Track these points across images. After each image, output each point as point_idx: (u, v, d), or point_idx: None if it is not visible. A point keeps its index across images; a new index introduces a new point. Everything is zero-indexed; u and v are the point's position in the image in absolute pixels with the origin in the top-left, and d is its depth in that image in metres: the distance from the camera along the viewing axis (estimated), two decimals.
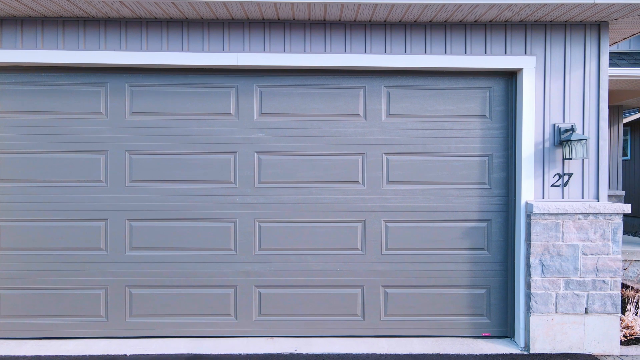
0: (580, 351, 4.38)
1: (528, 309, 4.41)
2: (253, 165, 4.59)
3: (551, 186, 4.46)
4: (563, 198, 4.46)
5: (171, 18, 4.35)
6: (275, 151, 4.59)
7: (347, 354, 4.32)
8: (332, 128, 4.59)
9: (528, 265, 4.40)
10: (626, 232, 11.67)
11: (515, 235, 4.58)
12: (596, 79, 4.45)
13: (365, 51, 4.43)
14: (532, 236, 4.36)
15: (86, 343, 4.48)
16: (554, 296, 4.37)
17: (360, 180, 4.62)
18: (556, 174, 4.46)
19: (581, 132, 4.43)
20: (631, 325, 4.75)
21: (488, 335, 4.66)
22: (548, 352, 4.37)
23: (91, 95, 4.53)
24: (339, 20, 4.37)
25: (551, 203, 4.35)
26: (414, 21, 4.39)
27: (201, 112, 4.56)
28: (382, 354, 4.33)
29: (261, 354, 4.30)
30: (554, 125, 4.44)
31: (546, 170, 4.46)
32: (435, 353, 4.36)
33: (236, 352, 4.33)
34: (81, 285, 4.56)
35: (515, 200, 4.57)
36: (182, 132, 4.56)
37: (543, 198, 4.46)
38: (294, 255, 4.62)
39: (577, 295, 4.38)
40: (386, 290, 4.65)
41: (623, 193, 9.20)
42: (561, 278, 4.37)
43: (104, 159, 4.55)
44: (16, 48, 4.34)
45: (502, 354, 4.35)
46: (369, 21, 4.39)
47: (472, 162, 4.63)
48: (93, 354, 4.27)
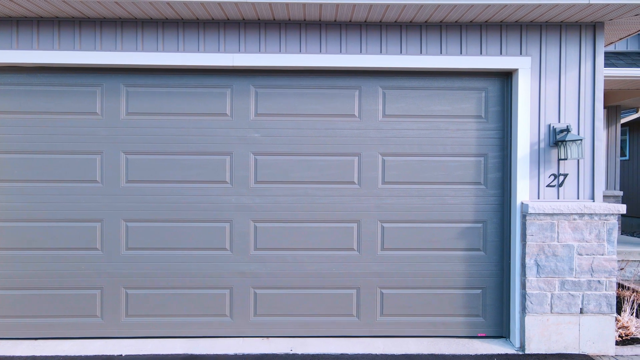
0: (575, 351, 4.38)
1: (523, 309, 4.41)
2: (249, 165, 4.59)
3: (546, 186, 4.46)
4: (558, 198, 4.46)
5: (167, 18, 4.36)
6: (270, 151, 4.59)
7: (343, 354, 4.32)
8: (328, 128, 4.59)
9: (523, 265, 4.40)
10: (624, 232, 11.67)
11: (510, 235, 4.58)
12: (591, 80, 4.45)
13: (360, 52, 4.43)
14: (528, 236, 4.37)
15: (82, 343, 4.49)
16: (549, 296, 4.38)
17: (355, 180, 4.62)
18: (551, 174, 4.46)
19: (576, 133, 4.43)
20: (627, 325, 4.76)
21: (484, 335, 4.66)
22: (543, 353, 4.37)
23: (87, 95, 4.53)
24: (335, 20, 4.37)
25: (546, 203, 4.36)
26: (410, 22, 4.40)
27: (197, 113, 4.56)
28: (378, 354, 4.33)
29: (257, 354, 4.30)
30: (550, 125, 4.44)
31: (541, 170, 4.46)
32: (430, 353, 4.37)
33: (232, 353, 4.33)
34: (77, 285, 4.57)
35: (510, 200, 4.57)
36: (178, 133, 4.56)
37: (538, 198, 4.46)
38: (290, 255, 4.63)
39: (573, 295, 4.38)
40: (382, 290, 4.65)
41: (621, 193, 9.20)
42: (556, 278, 4.38)
43: (100, 159, 4.55)
44: (12, 48, 4.34)
45: (498, 354, 4.35)
46: (365, 22, 4.40)
47: (468, 163, 4.63)
48: (89, 354, 4.28)
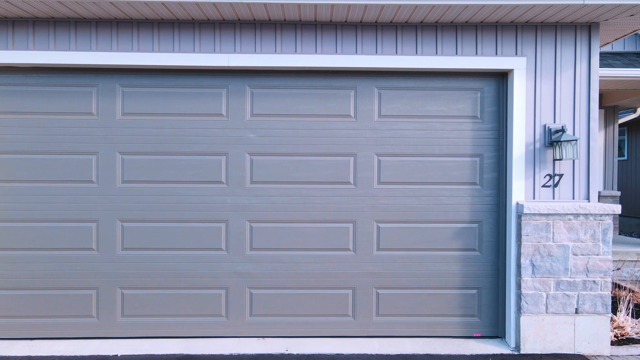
0: (570, 351, 4.39)
1: (519, 309, 4.41)
2: (244, 165, 4.59)
3: (542, 187, 4.46)
4: (554, 198, 4.46)
5: (162, 19, 4.36)
6: (266, 152, 4.59)
7: (338, 354, 4.32)
8: (324, 129, 4.60)
9: (519, 265, 4.41)
10: (622, 232, 11.69)
11: (506, 235, 4.58)
12: (587, 80, 4.45)
13: (356, 52, 4.44)
14: (523, 236, 4.37)
15: (78, 343, 4.49)
16: (545, 296, 4.38)
17: (351, 180, 4.62)
18: (547, 175, 4.47)
19: (572, 133, 4.43)
20: (622, 325, 4.76)
21: (479, 335, 4.66)
22: (539, 353, 4.38)
23: (83, 96, 4.53)
24: (330, 21, 4.37)
25: (542, 203, 4.36)
26: (405, 22, 4.40)
27: (193, 113, 4.57)
28: (373, 354, 4.34)
29: (252, 354, 4.30)
30: (545, 125, 4.45)
31: (537, 170, 4.46)
32: (426, 353, 4.37)
33: (227, 353, 4.33)
34: (73, 285, 4.57)
35: (506, 200, 4.57)
36: (174, 133, 4.56)
37: (534, 198, 4.46)
38: (286, 255, 4.63)
39: (568, 295, 4.38)
40: (377, 290, 4.65)
41: (619, 193, 9.21)
42: (552, 278, 4.38)
43: (96, 160, 4.55)
44: (7, 49, 4.35)
45: (493, 354, 4.36)
46: (360, 22, 4.40)
47: (464, 163, 4.63)
48: (85, 355, 4.28)
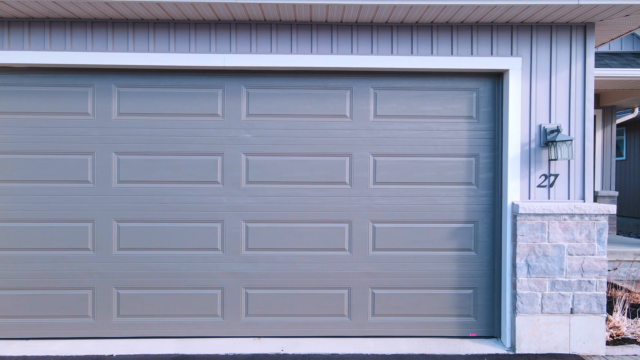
0: (566, 351, 4.39)
1: (514, 309, 4.42)
2: (240, 166, 4.60)
3: (537, 187, 4.47)
4: (549, 199, 4.47)
5: (157, 19, 4.36)
6: (262, 152, 4.60)
7: (334, 354, 4.33)
8: (319, 129, 4.60)
9: (514, 265, 4.41)
10: (621, 232, 11.69)
11: (501, 235, 4.59)
12: (582, 80, 4.46)
13: (351, 52, 4.44)
14: (518, 236, 4.37)
15: (73, 343, 4.49)
16: (540, 296, 4.38)
17: (347, 180, 4.63)
18: (542, 175, 4.47)
19: (567, 133, 4.44)
20: (618, 325, 4.76)
21: (475, 335, 4.67)
22: (534, 353, 4.38)
23: (78, 96, 4.54)
24: (325, 21, 4.38)
25: (537, 203, 4.36)
26: (400, 22, 4.40)
27: (188, 113, 4.57)
28: (369, 354, 4.34)
29: (248, 354, 4.31)
30: (540, 126, 4.45)
31: (532, 170, 4.47)
32: (421, 353, 4.37)
33: (223, 353, 4.34)
34: (68, 285, 4.57)
35: (501, 200, 4.58)
36: (170, 133, 4.57)
37: (529, 199, 4.47)
38: (281, 255, 4.63)
39: (563, 295, 4.39)
40: (373, 290, 4.66)
41: (616, 193, 9.21)
42: (547, 278, 4.38)
43: (92, 160, 4.55)
44: (3, 49, 4.34)
45: (488, 354, 4.36)
46: (355, 22, 4.40)
47: (459, 163, 4.63)
48: (80, 355, 4.28)
